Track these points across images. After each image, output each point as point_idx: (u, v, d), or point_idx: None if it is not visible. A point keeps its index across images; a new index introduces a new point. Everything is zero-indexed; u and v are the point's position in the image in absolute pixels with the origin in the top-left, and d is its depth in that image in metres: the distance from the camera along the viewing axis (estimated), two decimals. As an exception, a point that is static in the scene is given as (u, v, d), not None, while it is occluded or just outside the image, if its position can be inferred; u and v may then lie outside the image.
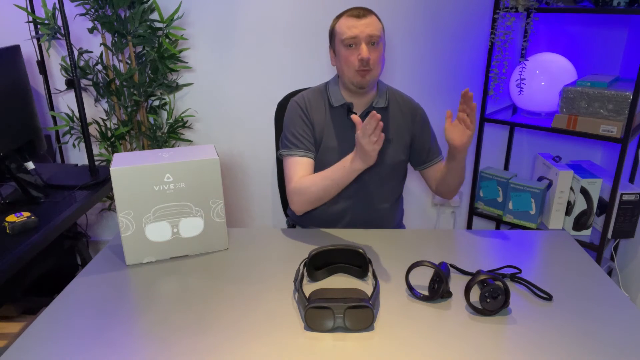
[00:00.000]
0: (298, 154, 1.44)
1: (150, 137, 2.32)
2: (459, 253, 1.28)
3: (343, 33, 1.36)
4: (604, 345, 0.94)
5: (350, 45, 1.35)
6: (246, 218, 2.64)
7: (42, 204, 1.63)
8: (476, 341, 0.95)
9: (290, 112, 1.49)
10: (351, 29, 1.34)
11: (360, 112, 1.47)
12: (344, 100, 1.45)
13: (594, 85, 1.85)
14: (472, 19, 2.23)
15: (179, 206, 1.21)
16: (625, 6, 1.77)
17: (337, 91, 1.47)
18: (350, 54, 1.36)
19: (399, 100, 1.52)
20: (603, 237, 1.90)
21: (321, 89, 1.51)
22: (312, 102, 1.48)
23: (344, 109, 1.47)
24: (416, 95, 2.36)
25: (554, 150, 2.40)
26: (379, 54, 1.37)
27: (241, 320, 1.01)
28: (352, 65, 1.36)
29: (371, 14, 1.36)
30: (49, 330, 0.99)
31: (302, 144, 1.45)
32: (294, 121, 1.47)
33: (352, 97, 1.46)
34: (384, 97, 1.48)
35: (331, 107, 1.47)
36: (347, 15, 1.37)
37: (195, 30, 2.30)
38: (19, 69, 1.66)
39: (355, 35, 1.33)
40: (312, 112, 1.47)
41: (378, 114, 1.11)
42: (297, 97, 1.51)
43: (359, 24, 1.33)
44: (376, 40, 1.35)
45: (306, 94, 1.50)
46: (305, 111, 1.46)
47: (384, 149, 1.48)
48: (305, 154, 1.44)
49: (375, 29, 1.34)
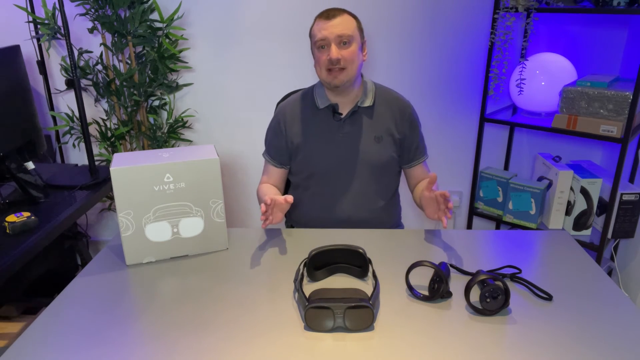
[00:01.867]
0: (267, 160, 1.59)
1: (150, 137, 2.32)
2: (459, 253, 1.28)
3: (314, 35, 1.40)
4: (604, 345, 0.94)
5: (322, 46, 1.39)
6: (246, 218, 2.64)
7: (42, 204, 1.63)
8: (476, 341, 0.95)
9: (272, 120, 1.58)
10: (321, 31, 1.38)
11: (345, 112, 1.48)
12: (329, 102, 1.48)
13: (594, 85, 1.85)
14: (472, 19, 2.23)
15: (179, 206, 1.21)
16: (625, 6, 1.77)
17: (323, 93, 1.49)
18: (322, 55, 1.40)
19: (387, 97, 1.52)
20: (603, 237, 1.90)
21: (308, 92, 1.55)
22: (293, 110, 1.53)
23: (330, 110, 1.48)
24: (416, 95, 2.36)
25: (554, 150, 2.40)
26: (351, 53, 1.38)
27: (241, 320, 1.01)
28: (323, 65, 1.40)
29: (342, 14, 1.38)
30: (49, 330, 0.99)
31: (276, 155, 1.56)
32: (270, 132, 1.57)
33: (337, 98, 1.48)
34: (370, 96, 1.49)
35: (316, 109, 1.49)
36: (318, 17, 1.41)
37: (195, 30, 2.30)
38: (19, 69, 1.66)
39: (324, 36, 1.37)
40: (291, 121, 1.52)
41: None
42: (281, 105, 1.58)
43: (327, 25, 1.37)
44: (347, 40, 1.37)
45: (288, 102, 1.56)
46: (282, 124, 1.53)
47: (372, 147, 1.49)
48: (271, 162, 1.57)
49: (345, 29, 1.36)
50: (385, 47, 2.29)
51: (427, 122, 2.38)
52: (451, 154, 2.46)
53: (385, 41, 2.28)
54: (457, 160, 2.48)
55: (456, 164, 2.48)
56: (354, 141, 1.48)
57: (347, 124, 1.48)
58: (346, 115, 1.47)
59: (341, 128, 1.48)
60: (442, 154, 2.46)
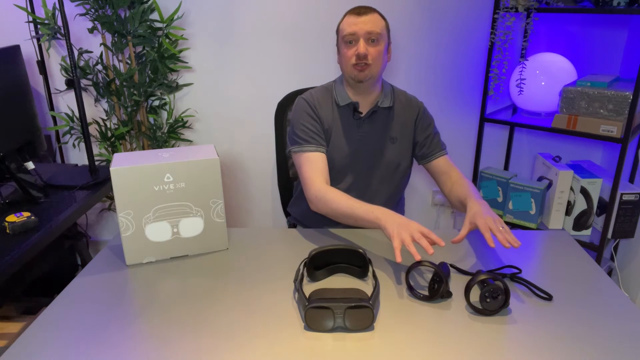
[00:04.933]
0: (310, 149, 1.43)
1: (150, 137, 2.32)
2: (459, 253, 1.28)
3: (343, 30, 1.40)
4: (604, 345, 0.94)
5: (350, 41, 1.39)
6: (246, 218, 2.64)
7: (42, 204, 1.63)
8: (476, 341, 0.95)
9: (298, 108, 1.48)
10: (351, 26, 1.38)
11: (365, 111, 1.48)
12: (349, 100, 1.46)
13: (594, 85, 1.85)
14: (472, 19, 2.23)
15: (179, 206, 1.21)
16: (625, 6, 1.77)
17: (343, 90, 1.48)
18: (349, 49, 1.40)
19: (402, 99, 1.53)
20: (603, 237, 1.90)
21: (328, 87, 1.52)
22: (320, 100, 1.49)
23: (350, 108, 1.47)
24: (416, 94, 2.35)
25: (554, 150, 2.40)
26: (378, 51, 1.39)
27: (241, 320, 1.01)
28: (349, 60, 1.39)
29: (373, 12, 1.39)
30: (49, 330, 0.99)
31: (313, 139, 1.44)
32: (303, 117, 1.46)
33: (357, 96, 1.47)
34: (389, 96, 1.49)
35: (337, 105, 1.48)
36: (349, 13, 1.41)
37: (195, 30, 2.30)
38: (19, 69, 1.66)
39: (354, 31, 1.37)
40: (320, 109, 1.48)
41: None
42: (304, 95, 1.51)
43: (358, 21, 1.37)
44: (375, 38, 1.38)
45: (314, 92, 1.51)
46: (313, 108, 1.47)
47: (388, 148, 1.49)
48: (317, 148, 1.43)
49: (375, 26, 1.37)
50: (387, 45, 2.29)
51: (427, 122, 2.38)
52: (451, 154, 2.46)
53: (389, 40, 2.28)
54: (457, 160, 2.48)
55: (456, 164, 2.47)
56: (371, 141, 1.48)
57: (366, 123, 1.48)
58: (366, 114, 1.47)
59: (360, 127, 1.48)
60: (442, 154, 2.46)
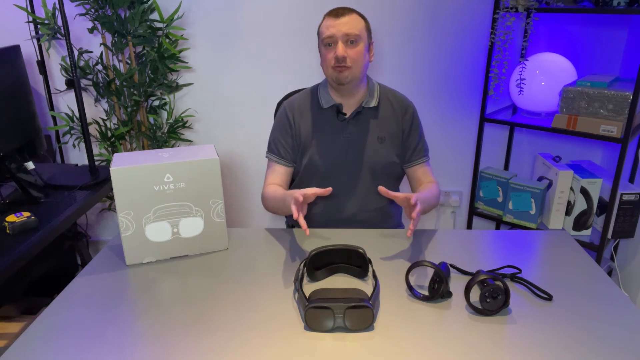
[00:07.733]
0: (273, 159, 1.53)
1: (150, 137, 2.32)
2: (459, 253, 1.28)
3: (322, 33, 1.40)
4: (604, 345, 0.94)
5: (329, 44, 1.39)
6: (246, 218, 2.64)
7: (42, 204, 1.63)
8: (476, 341, 0.95)
9: (278, 117, 1.55)
10: (329, 29, 1.38)
11: (349, 112, 1.48)
12: (333, 102, 1.47)
13: (594, 85, 1.85)
14: (472, 19, 2.23)
15: (179, 206, 1.21)
16: (625, 6, 1.77)
17: (327, 93, 1.49)
18: (328, 52, 1.40)
19: (390, 98, 1.52)
20: (603, 237, 1.90)
21: (311, 91, 1.54)
22: (302, 106, 1.51)
23: (334, 110, 1.48)
24: (416, 94, 2.36)
25: (554, 150, 2.40)
26: (356, 52, 1.38)
27: (241, 320, 1.01)
28: (329, 63, 1.40)
29: (351, 13, 1.39)
30: (49, 330, 0.99)
31: (279, 152, 1.52)
32: (278, 128, 1.53)
33: (342, 98, 1.48)
34: (375, 96, 1.48)
35: (320, 109, 1.49)
36: (328, 15, 1.41)
37: (195, 30, 2.30)
38: (19, 69, 1.66)
39: (332, 34, 1.37)
40: (300, 118, 1.50)
41: None
42: (286, 103, 1.55)
43: (336, 23, 1.37)
44: (354, 39, 1.37)
45: (296, 98, 1.54)
46: (290, 120, 1.51)
47: (376, 148, 1.49)
48: (278, 160, 1.52)
49: (353, 28, 1.37)
50: (385, 46, 2.29)
51: (427, 122, 2.38)
52: (451, 153, 2.46)
53: (386, 41, 2.28)
54: (457, 160, 2.48)
55: (456, 164, 2.48)
56: (357, 142, 1.48)
57: (351, 124, 1.48)
58: (350, 115, 1.47)
59: (345, 128, 1.48)
60: (442, 153, 2.46)
